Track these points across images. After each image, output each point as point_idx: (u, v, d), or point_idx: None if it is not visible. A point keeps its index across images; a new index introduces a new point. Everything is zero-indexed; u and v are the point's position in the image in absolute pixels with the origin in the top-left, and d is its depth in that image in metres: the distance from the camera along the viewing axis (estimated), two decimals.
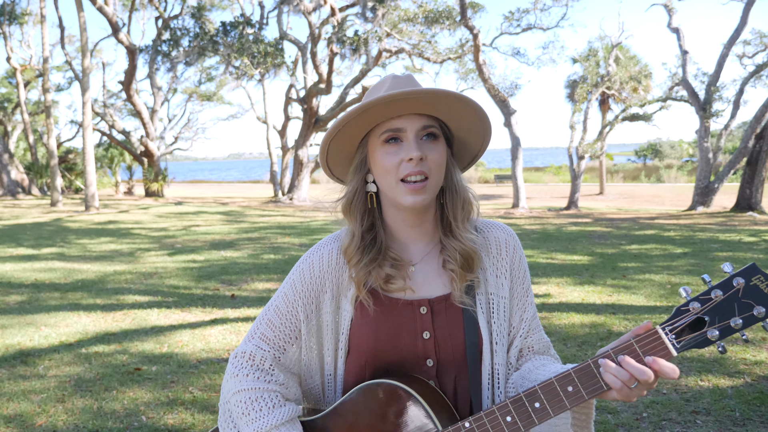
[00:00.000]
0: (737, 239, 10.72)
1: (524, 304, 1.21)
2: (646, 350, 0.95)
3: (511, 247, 1.21)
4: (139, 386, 4.04)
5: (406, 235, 1.19)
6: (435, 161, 1.11)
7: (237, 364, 1.19)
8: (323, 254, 1.20)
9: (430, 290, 1.16)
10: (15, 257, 9.58)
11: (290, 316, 1.19)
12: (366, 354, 1.15)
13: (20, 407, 3.72)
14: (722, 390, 3.69)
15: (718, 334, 0.94)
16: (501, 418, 1.00)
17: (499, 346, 1.16)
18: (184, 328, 5.44)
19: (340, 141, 1.16)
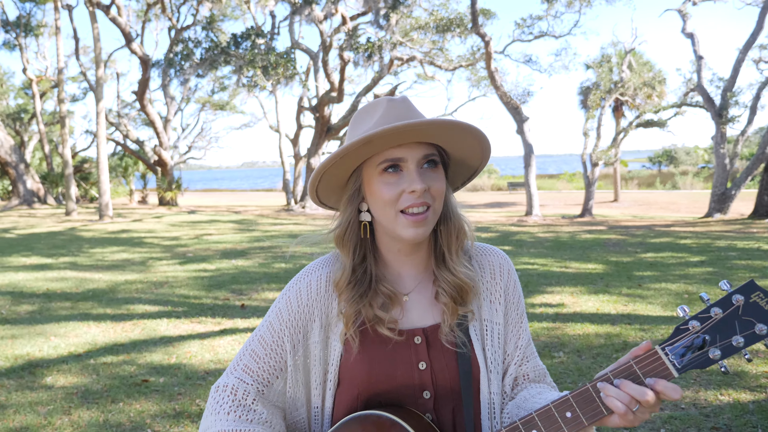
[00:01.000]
0: (756, 247, 10.50)
1: (519, 330, 1.15)
2: (646, 372, 0.91)
3: (506, 271, 1.16)
4: (145, 398, 4.00)
5: (400, 265, 1.13)
6: (437, 191, 1.05)
7: (218, 399, 1.11)
8: (311, 281, 1.13)
9: (424, 319, 1.11)
10: (28, 266, 9.64)
11: (276, 347, 1.12)
12: (359, 386, 1.08)
13: (26, 419, 3.69)
14: (743, 405, 3.56)
15: (720, 353, 0.91)
16: None
17: (494, 374, 1.10)
18: (193, 338, 5.40)
19: (333, 169, 1.09)
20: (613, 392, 0.89)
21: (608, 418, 0.91)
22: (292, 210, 22.47)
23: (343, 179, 1.12)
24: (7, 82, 33.29)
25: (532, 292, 6.99)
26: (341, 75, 20.00)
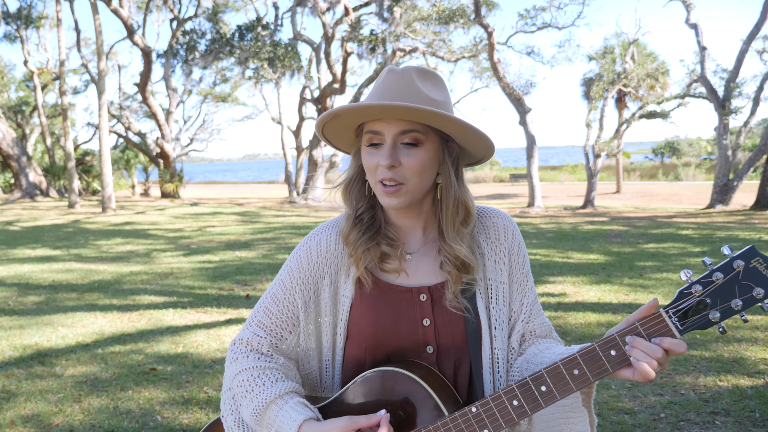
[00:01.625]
0: (757, 238, 10.53)
1: (524, 289, 1.18)
2: (651, 333, 0.97)
3: (510, 232, 1.19)
4: (154, 386, 4.06)
5: (402, 222, 1.18)
6: (411, 168, 1.07)
7: (235, 350, 1.18)
8: (321, 240, 1.18)
9: (429, 278, 1.15)
10: (33, 258, 9.71)
11: (288, 303, 1.17)
12: (366, 340, 1.13)
13: (37, 407, 3.76)
14: (742, 390, 3.62)
15: (720, 315, 0.96)
16: (508, 402, 0.99)
17: (499, 331, 1.14)
18: (199, 328, 5.47)
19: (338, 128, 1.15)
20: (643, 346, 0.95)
21: (616, 373, 0.97)
22: (295, 202, 22.52)
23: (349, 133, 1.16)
24: (8, 75, 33.30)
25: (535, 282, 7.02)
26: (344, 66, 19.98)
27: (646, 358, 0.94)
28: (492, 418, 0.99)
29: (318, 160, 22.27)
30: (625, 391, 3.70)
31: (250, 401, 1.10)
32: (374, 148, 1.09)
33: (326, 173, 23.27)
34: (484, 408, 1.00)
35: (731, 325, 4.99)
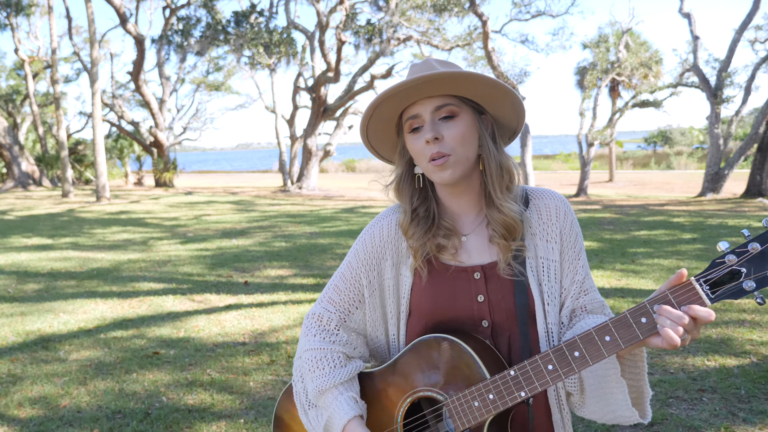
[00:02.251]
0: (746, 225, 10.70)
1: (575, 266, 1.24)
2: (681, 301, 0.99)
3: (562, 213, 1.25)
4: (158, 369, 4.15)
5: (455, 207, 1.26)
6: (454, 137, 1.16)
7: (308, 324, 1.31)
8: (383, 226, 1.28)
9: (483, 258, 1.23)
10: (30, 247, 9.74)
11: (354, 281, 1.28)
12: (426, 316, 1.23)
13: (44, 390, 3.84)
14: (728, 369, 3.75)
15: (755, 285, 0.95)
16: (543, 366, 1.06)
17: (551, 306, 1.21)
18: (199, 313, 5.55)
19: (379, 129, 1.24)
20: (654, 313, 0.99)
21: (647, 341, 1.02)
22: (289, 191, 22.54)
23: (393, 137, 1.26)
24: None
25: None
26: (338, 55, 19.94)
27: (671, 325, 0.97)
28: (528, 381, 1.07)
29: (312, 149, 22.27)
30: None
31: (312, 380, 1.24)
32: (416, 132, 1.18)
33: (320, 162, 23.28)
34: (521, 371, 1.08)
35: (719, 309, 5.13)
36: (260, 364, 4.21)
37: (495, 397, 1.09)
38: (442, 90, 1.16)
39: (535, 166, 38.23)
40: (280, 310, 5.60)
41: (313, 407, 1.25)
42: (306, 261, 8.00)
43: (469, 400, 1.11)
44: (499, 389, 1.09)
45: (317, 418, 1.23)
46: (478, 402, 1.10)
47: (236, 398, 3.64)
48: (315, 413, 1.24)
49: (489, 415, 1.10)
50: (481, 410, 1.10)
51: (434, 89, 1.15)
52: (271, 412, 3.37)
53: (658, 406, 3.28)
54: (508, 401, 1.08)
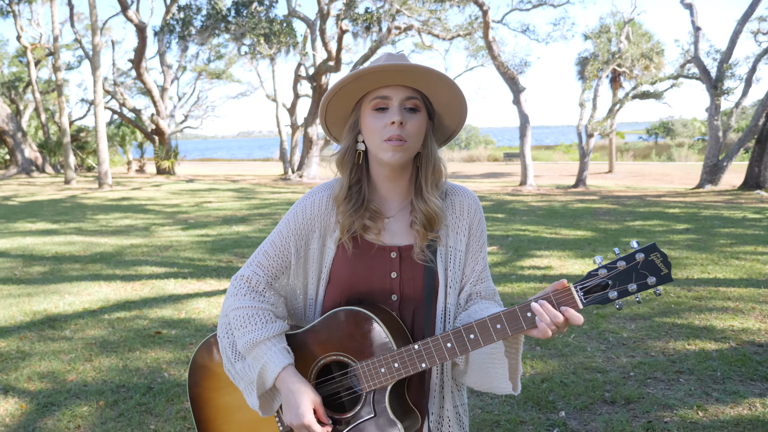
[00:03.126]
0: (741, 216, 10.83)
1: (477, 258, 1.42)
2: (560, 302, 1.19)
3: (473, 210, 1.43)
4: (160, 347, 4.32)
5: (386, 190, 1.40)
6: (413, 128, 1.31)
7: (236, 285, 1.42)
8: (314, 200, 1.42)
9: (401, 239, 1.39)
10: (35, 231, 9.91)
11: (283, 249, 1.41)
12: (343, 285, 1.38)
13: (51, 365, 4.01)
14: (707, 353, 3.91)
15: (617, 295, 1.18)
16: (443, 344, 1.24)
17: (452, 289, 1.39)
18: (200, 296, 5.72)
19: (337, 103, 1.36)
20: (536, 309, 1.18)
21: (529, 330, 1.20)
22: (290, 179, 22.68)
23: (346, 113, 1.39)
24: (1, 50, 33.01)
25: (522, 255, 7.31)
26: (339, 44, 19.98)
27: (548, 322, 1.17)
28: (429, 355, 1.25)
29: (313, 138, 22.37)
30: (599, 354, 3.99)
31: (243, 334, 1.36)
32: (380, 112, 1.31)
33: (321, 151, 23.38)
34: (424, 347, 1.26)
35: (705, 296, 5.29)
36: None
37: (399, 365, 1.26)
38: (415, 84, 1.31)
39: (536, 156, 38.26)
40: None
41: (241, 360, 1.37)
42: None
43: (377, 366, 1.27)
44: (404, 360, 1.26)
45: (245, 369, 1.36)
46: (385, 368, 1.27)
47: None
48: (242, 365, 1.37)
49: (393, 380, 1.27)
50: (387, 376, 1.27)
51: (409, 81, 1.30)
52: None
53: (636, 386, 3.44)
54: (410, 370, 1.26)
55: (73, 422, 3.20)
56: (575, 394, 3.35)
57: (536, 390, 3.42)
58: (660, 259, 1.17)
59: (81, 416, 3.27)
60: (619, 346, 4.13)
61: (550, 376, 3.62)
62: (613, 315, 4.81)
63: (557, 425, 3.02)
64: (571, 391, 3.38)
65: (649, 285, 1.17)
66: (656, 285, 1.17)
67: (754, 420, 2.98)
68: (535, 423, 3.04)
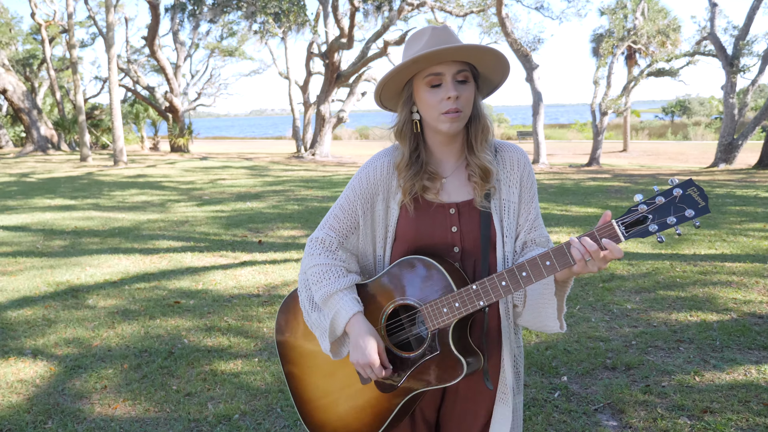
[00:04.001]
0: (753, 195, 10.80)
1: (529, 208, 1.55)
2: (602, 235, 1.28)
3: (522, 164, 1.55)
4: (179, 316, 4.50)
5: (441, 153, 1.54)
6: (466, 98, 1.43)
7: (312, 246, 1.58)
8: (377, 166, 1.55)
9: (458, 196, 1.52)
10: (54, 207, 10.15)
11: (351, 212, 1.56)
12: (408, 242, 1.52)
13: (77, 332, 4.21)
14: (708, 324, 4.01)
15: (657, 228, 1.25)
16: (498, 282, 1.36)
17: (508, 238, 1.51)
18: (216, 269, 5.89)
19: (390, 82, 1.49)
20: (576, 245, 1.28)
21: (573, 267, 1.30)
22: (302, 157, 22.79)
23: (399, 88, 1.51)
24: (15, 27, 33.20)
25: None
26: (351, 21, 19.90)
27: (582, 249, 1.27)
28: (486, 293, 1.36)
29: (326, 116, 22.41)
30: (603, 324, 4.11)
31: (318, 288, 1.52)
32: (435, 88, 1.43)
33: (333, 129, 23.43)
34: (481, 286, 1.37)
35: (710, 270, 5.37)
36: (273, 313, 4.55)
37: (460, 305, 1.38)
38: (464, 57, 1.43)
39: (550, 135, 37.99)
40: (292, 267, 5.92)
41: (317, 311, 1.54)
42: (316, 223, 8.29)
43: (439, 306, 1.39)
44: (463, 299, 1.37)
45: (320, 318, 1.52)
46: (447, 308, 1.38)
47: (251, 341, 3.98)
48: (318, 315, 1.53)
49: (454, 318, 1.38)
50: (449, 315, 1.39)
51: (459, 56, 1.42)
52: None
53: (636, 354, 3.56)
54: (470, 308, 1.37)
55: (99, 383, 3.39)
56: (577, 361, 3.48)
57: (540, 357, 3.55)
58: (697, 193, 1.23)
59: (107, 378, 3.46)
60: (622, 317, 4.25)
61: (554, 344, 3.75)
62: (618, 288, 4.91)
63: (559, 388, 3.15)
64: (573, 358, 3.52)
65: (687, 217, 1.23)
66: (695, 217, 1.23)
67: (747, 384, 3.09)
68: (537, 386, 3.18)
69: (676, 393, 3.04)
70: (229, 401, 3.14)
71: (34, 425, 2.94)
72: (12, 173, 16.75)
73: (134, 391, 3.28)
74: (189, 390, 3.28)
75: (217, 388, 3.29)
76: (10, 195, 11.85)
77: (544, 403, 3.01)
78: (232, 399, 3.16)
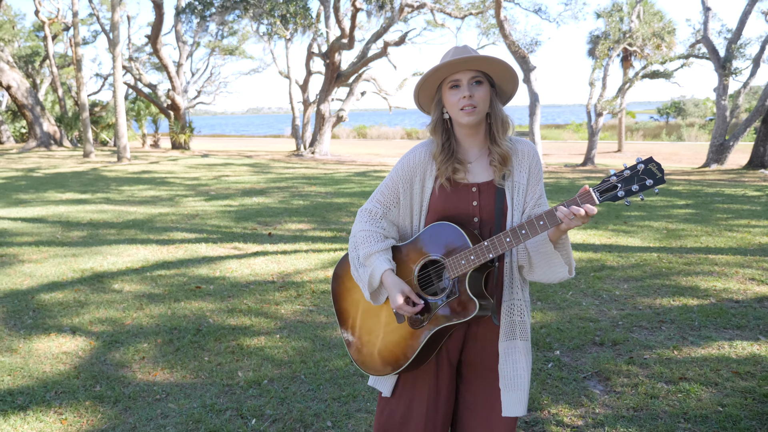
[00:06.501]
0: (741, 193, 11.21)
1: (535, 189, 1.92)
2: (582, 201, 1.66)
3: (531, 154, 1.94)
4: (201, 300, 4.86)
5: (467, 143, 1.93)
6: (480, 97, 1.83)
7: (362, 215, 1.97)
8: (416, 154, 1.95)
9: (480, 178, 1.91)
10: (66, 201, 10.47)
11: (394, 189, 1.95)
12: (438, 213, 1.91)
13: (108, 313, 4.56)
14: (689, 307, 4.39)
15: (624, 193, 1.62)
16: (503, 239, 1.74)
17: (516, 211, 1.89)
18: (231, 258, 6.25)
19: (423, 89, 1.90)
20: (562, 208, 1.66)
21: (561, 225, 1.67)
22: (302, 155, 23.12)
23: (431, 95, 1.92)
24: (18, 25, 33.42)
25: None
26: (352, 22, 20.25)
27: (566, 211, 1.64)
28: (494, 247, 1.74)
29: (325, 115, 22.75)
30: (593, 307, 4.49)
31: (363, 249, 1.92)
32: (455, 89, 1.83)
33: (333, 128, 23.77)
34: (491, 242, 1.75)
35: (694, 262, 5.75)
36: (289, 297, 4.91)
37: (474, 257, 1.76)
38: (477, 66, 1.83)
39: (546, 135, 38.43)
40: (303, 257, 6.28)
41: (362, 266, 1.93)
42: (323, 217, 8.67)
43: (458, 259, 1.78)
44: (476, 252, 1.76)
45: (365, 272, 1.91)
46: (464, 260, 1.77)
47: (271, 321, 4.34)
48: (363, 270, 1.92)
49: (470, 268, 1.76)
50: (466, 265, 1.77)
51: (472, 66, 1.82)
52: (301, 334, 4.07)
53: (622, 332, 3.94)
54: (482, 259, 1.75)
55: (137, 355, 3.75)
56: (569, 338, 3.85)
57: (535, 334, 3.93)
58: (656, 167, 1.60)
59: (143, 351, 3.82)
60: (611, 301, 4.62)
61: (548, 324, 4.12)
62: (608, 277, 5.29)
63: (552, 360, 3.53)
64: (565, 336, 3.89)
65: (647, 186, 1.59)
66: (653, 186, 1.59)
67: (719, 357, 3.47)
68: (533, 359, 3.54)
69: (656, 364, 3.41)
70: (257, 370, 3.50)
71: (85, 388, 3.30)
72: (18, 168, 17.05)
73: (170, 361, 3.64)
74: (219, 361, 3.64)
75: (245, 360, 3.65)
76: (22, 189, 12.16)
77: (539, 372, 3.38)
78: (260, 368, 3.53)
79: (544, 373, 3.36)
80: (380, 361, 1.88)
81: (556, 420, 2.88)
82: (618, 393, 3.11)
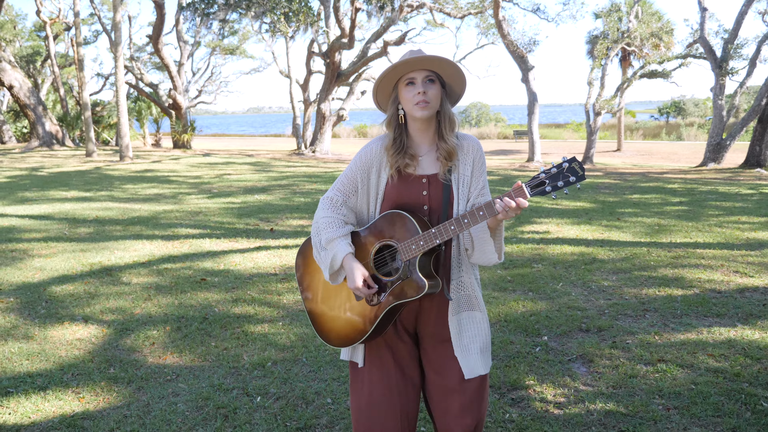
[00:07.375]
0: (735, 192, 11.41)
1: (479, 180, 2.13)
2: (517, 195, 1.87)
3: (474, 149, 2.14)
4: (207, 291, 5.06)
5: (418, 138, 2.13)
6: (433, 94, 2.03)
7: (324, 202, 2.17)
8: (371, 148, 2.15)
9: (429, 170, 2.11)
10: (71, 199, 10.68)
11: (352, 179, 2.15)
12: (392, 202, 2.12)
13: (118, 303, 4.77)
14: (673, 297, 4.60)
15: (551, 189, 1.84)
16: (449, 226, 1.95)
17: (462, 201, 2.10)
18: (234, 252, 6.45)
19: (382, 85, 2.09)
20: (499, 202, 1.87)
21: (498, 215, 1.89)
22: (303, 154, 23.33)
23: (389, 92, 2.12)
24: (20, 25, 33.65)
25: (523, 222, 7.98)
26: (352, 22, 20.45)
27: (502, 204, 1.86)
28: (440, 233, 1.95)
29: (326, 114, 22.96)
30: (582, 297, 4.69)
31: (325, 233, 2.11)
32: (410, 86, 2.03)
33: (333, 127, 23.98)
34: (437, 229, 1.96)
35: (682, 255, 5.96)
36: (290, 288, 5.11)
37: (423, 242, 1.98)
38: (430, 67, 2.03)
39: (546, 134, 38.62)
40: None
41: (324, 250, 2.11)
42: None
43: (410, 244, 1.99)
44: (425, 238, 1.98)
45: (326, 256, 2.10)
46: (414, 245, 1.99)
47: (274, 310, 4.55)
48: (325, 253, 2.11)
49: (419, 252, 1.98)
50: (416, 250, 1.98)
51: (426, 65, 2.02)
52: (303, 321, 4.27)
53: (608, 320, 4.14)
54: (430, 244, 1.97)
55: (147, 341, 3.96)
56: (557, 325, 4.06)
57: (525, 321, 4.13)
58: (578, 165, 1.82)
59: (153, 337, 4.03)
60: (599, 292, 4.83)
61: (537, 312, 4.33)
62: (598, 269, 5.50)
63: (540, 345, 3.73)
64: (553, 323, 4.10)
65: (571, 182, 1.81)
66: (576, 182, 1.81)
67: (697, 341, 3.68)
68: (522, 344, 3.76)
69: (637, 348, 3.62)
70: (261, 353, 3.71)
71: (99, 371, 3.51)
72: (22, 167, 17.27)
73: (179, 346, 3.85)
74: (225, 345, 3.85)
75: (250, 345, 3.86)
76: (26, 187, 12.37)
77: (526, 355, 3.59)
78: (263, 352, 3.73)
79: (531, 356, 3.57)
80: (342, 333, 2.11)
81: (540, 397, 3.08)
82: (599, 374, 3.32)
